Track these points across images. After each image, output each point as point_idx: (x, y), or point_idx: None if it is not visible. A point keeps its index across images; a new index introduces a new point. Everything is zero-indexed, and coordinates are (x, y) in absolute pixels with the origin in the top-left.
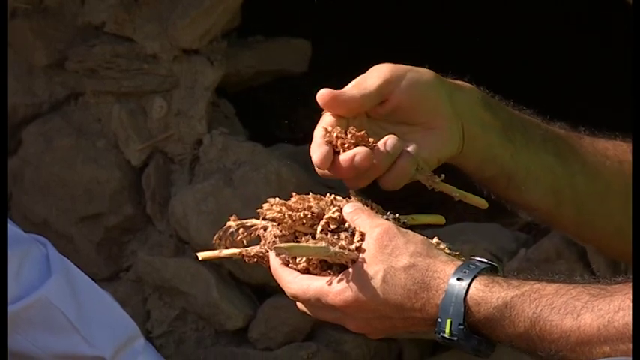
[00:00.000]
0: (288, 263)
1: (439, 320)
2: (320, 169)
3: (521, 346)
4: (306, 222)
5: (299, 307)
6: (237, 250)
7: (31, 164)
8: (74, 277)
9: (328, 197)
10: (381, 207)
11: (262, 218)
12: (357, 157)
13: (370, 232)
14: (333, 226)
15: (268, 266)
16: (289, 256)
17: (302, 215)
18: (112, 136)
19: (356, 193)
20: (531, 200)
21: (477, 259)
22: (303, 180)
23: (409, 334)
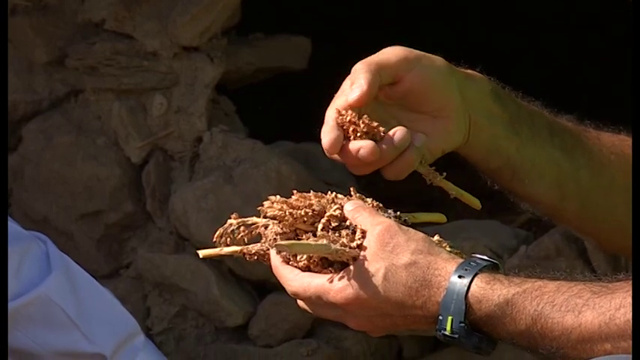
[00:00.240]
0: (289, 261)
1: (440, 318)
2: (328, 154)
3: (523, 344)
4: (307, 220)
5: (300, 304)
6: (238, 247)
7: (31, 161)
8: (74, 274)
9: (329, 195)
10: (382, 205)
11: (263, 216)
12: (361, 150)
13: (371, 230)
14: (334, 223)
15: (269, 264)
16: (290, 254)
17: (303, 213)
18: (112, 134)
19: (357, 191)
20: (535, 193)
21: (478, 256)
22: (303, 177)
23: (410, 331)
